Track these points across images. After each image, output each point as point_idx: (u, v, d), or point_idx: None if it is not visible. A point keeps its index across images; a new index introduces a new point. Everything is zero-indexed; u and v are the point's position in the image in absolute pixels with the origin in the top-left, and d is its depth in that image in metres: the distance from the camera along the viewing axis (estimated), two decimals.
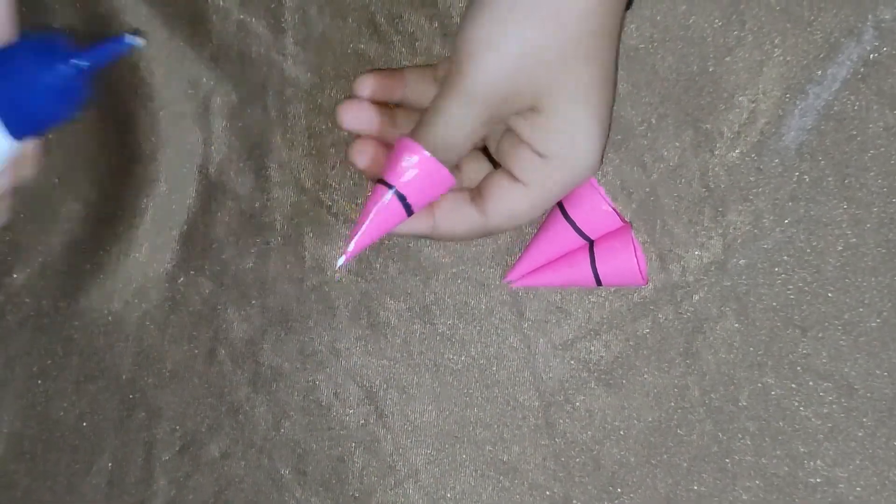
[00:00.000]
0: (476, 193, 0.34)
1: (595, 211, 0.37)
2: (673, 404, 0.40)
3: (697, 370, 0.40)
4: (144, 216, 0.43)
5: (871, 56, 0.38)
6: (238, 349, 0.43)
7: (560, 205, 0.38)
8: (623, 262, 0.37)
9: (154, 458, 0.43)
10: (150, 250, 0.43)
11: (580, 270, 0.38)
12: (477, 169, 0.36)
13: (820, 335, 0.39)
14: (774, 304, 0.39)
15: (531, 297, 0.40)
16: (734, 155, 0.39)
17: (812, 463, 0.39)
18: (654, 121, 0.39)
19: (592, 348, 0.40)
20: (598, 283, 0.38)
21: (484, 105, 0.31)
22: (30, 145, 0.35)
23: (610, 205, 0.37)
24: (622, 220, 0.38)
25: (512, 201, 0.33)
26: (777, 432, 0.39)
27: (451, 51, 0.33)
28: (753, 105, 0.38)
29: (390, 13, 0.40)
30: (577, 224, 0.38)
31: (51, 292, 0.44)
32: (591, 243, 0.38)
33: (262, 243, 0.42)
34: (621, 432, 0.40)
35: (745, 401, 0.39)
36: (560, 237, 0.38)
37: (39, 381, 0.44)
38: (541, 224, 0.39)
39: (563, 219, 0.38)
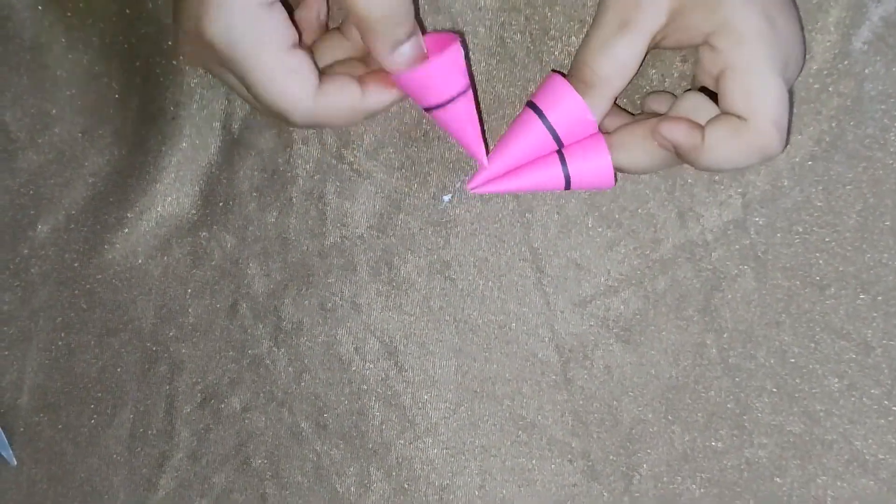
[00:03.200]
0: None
1: (576, 118, 0.36)
2: (691, 361, 0.40)
3: (715, 328, 0.40)
4: (168, 171, 0.43)
5: (893, 18, 0.38)
6: (260, 303, 0.43)
7: (535, 107, 0.37)
8: (596, 161, 0.36)
9: (175, 411, 0.44)
10: (173, 204, 0.44)
11: (550, 172, 0.37)
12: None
13: (838, 294, 0.39)
14: (793, 262, 0.39)
15: (551, 253, 0.41)
16: None
17: (828, 421, 0.39)
18: (675, 75, 0.39)
19: (611, 305, 0.40)
20: (568, 185, 0.37)
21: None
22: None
23: (591, 115, 0.36)
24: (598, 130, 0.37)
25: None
26: (794, 390, 0.39)
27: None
28: None
29: None
30: (555, 128, 0.37)
31: (74, 246, 0.44)
32: (560, 147, 0.37)
33: (284, 198, 0.43)
34: (639, 389, 0.40)
35: (763, 358, 0.39)
36: (533, 140, 0.37)
37: (63, 334, 0.44)
38: (510, 128, 0.38)
39: (541, 123, 0.37)
